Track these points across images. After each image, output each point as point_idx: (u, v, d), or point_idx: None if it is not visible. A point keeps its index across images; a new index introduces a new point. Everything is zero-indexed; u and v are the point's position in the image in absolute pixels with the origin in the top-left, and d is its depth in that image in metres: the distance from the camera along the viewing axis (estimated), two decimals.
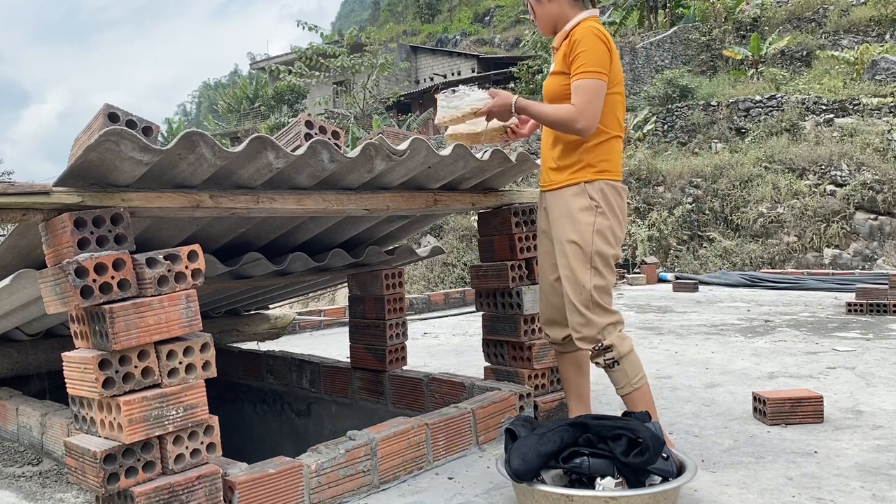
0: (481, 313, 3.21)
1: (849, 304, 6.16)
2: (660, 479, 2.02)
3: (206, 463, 1.99)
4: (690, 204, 13.26)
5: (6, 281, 2.31)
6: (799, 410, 2.89)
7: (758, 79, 18.03)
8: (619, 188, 2.46)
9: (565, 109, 2.33)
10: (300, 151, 2.15)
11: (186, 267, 1.95)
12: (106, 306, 1.81)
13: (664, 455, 2.04)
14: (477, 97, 2.46)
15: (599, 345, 2.37)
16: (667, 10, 24.43)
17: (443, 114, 2.51)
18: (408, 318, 3.61)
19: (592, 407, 2.78)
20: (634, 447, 2.00)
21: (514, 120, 2.58)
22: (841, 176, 12.55)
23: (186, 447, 1.95)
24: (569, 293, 2.41)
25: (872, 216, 11.95)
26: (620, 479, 2.00)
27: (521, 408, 2.90)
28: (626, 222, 2.52)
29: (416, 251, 3.58)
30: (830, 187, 12.49)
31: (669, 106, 17.24)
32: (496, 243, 3.07)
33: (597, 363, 2.41)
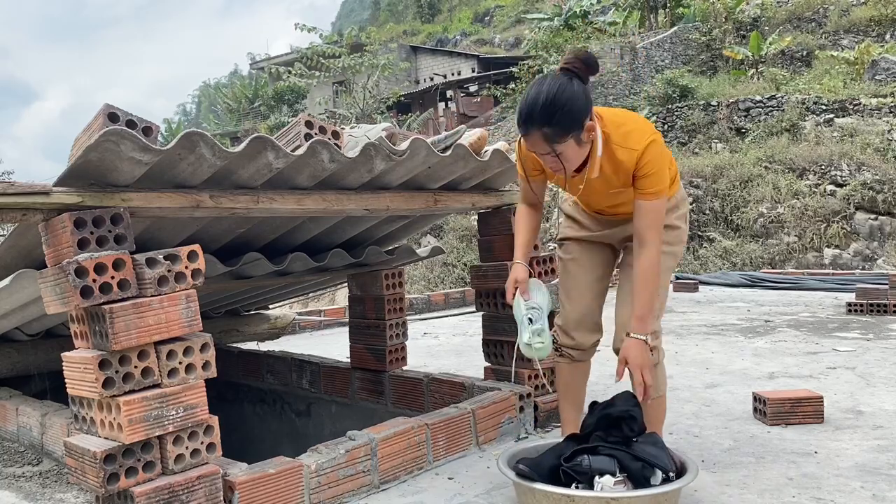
0: (481, 313, 3.21)
1: (849, 305, 6.16)
2: (661, 473, 2.01)
3: (206, 463, 1.99)
4: (690, 204, 13.24)
5: (6, 281, 2.31)
6: (799, 410, 2.89)
7: (758, 79, 18.03)
8: (685, 196, 2.46)
9: (652, 261, 2.15)
10: (300, 151, 2.15)
11: (186, 267, 1.95)
12: (106, 306, 1.81)
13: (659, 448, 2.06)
14: None
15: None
16: (667, 10, 24.43)
17: None
18: (408, 318, 3.61)
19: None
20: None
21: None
22: (841, 176, 12.54)
23: (186, 447, 1.95)
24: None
25: (872, 216, 11.94)
26: (621, 478, 2.00)
27: (521, 408, 2.90)
28: None
29: (416, 251, 3.58)
30: (830, 187, 12.48)
31: (669, 106, 17.23)
32: (496, 243, 3.07)
33: None
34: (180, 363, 1.94)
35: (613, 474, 1.99)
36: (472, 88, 28.06)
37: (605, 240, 2.47)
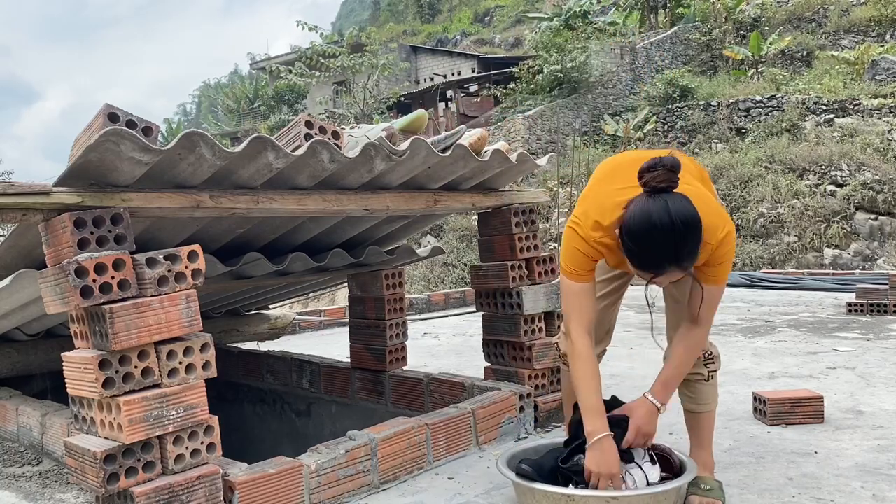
0: (481, 313, 3.21)
1: (849, 305, 6.15)
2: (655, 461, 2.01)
3: (206, 463, 1.99)
4: None
5: (6, 281, 2.31)
6: (799, 410, 2.89)
7: (758, 79, 18.02)
8: None
9: (699, 341, 2.06)
10: (300, 151, 2.15)
11: (186, 267, 1.95)
12: (106, 306, 1.81)
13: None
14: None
15: (708, 353, 2.18)
16: (667, 10, 24.43)
17: None
18: (408, 318, 3.61)
19: None
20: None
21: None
22: (841, 176, 12.54)
23: (186, 447, 1.95)
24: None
25: (873, 216, 11.94)
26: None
27: (522, 408, 2.90)
28: None
29: (417, 251, 3.58)
30: (831, 187, 12.48)
31: (670, 106, 17.24)
32: (496, 243, 3.07)
33: (694, 375, 2.18)
34: (180, 363, 1.94)
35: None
36: (473, 88, 28.04)
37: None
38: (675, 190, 1.82)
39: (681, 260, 1.81)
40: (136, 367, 1.87)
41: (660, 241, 1.78)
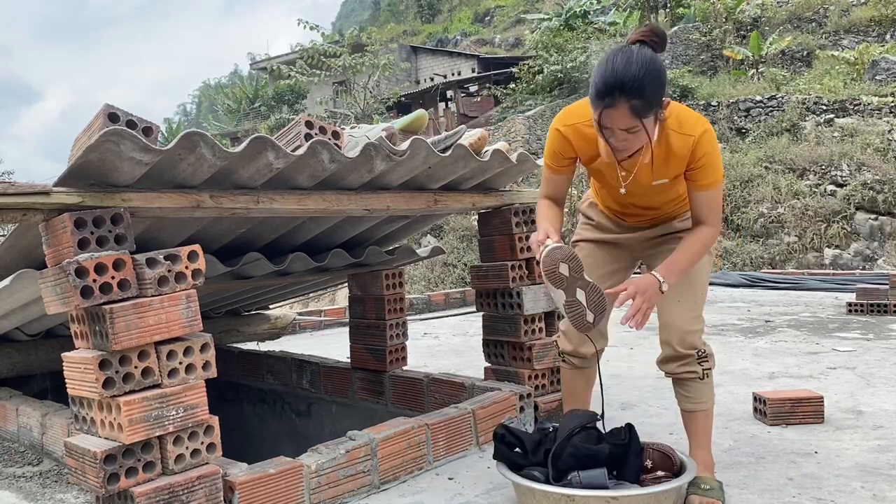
0: (481, 313, 3.21)
1: (849, 305, 6.15)
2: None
3: (207, 463, 1.99)
4: None
5: (6, 281, 2.31)
6: (799, 411, 2.89)
7: (758, 79, 18.02)
8: None
9: (706, 239, 2.11)
10: (300, 152, 2.15)
11: (186, 267, 1.95)
12: (106, 306, 1.81)
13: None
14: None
15: (701, 350, 2.20)
16: (667, 10, 24.43)
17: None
18: (408, 318, 3.61)
19: None
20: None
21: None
22: (841, 176, 12.54)
23: (186, 447, 1.95)
24: (687, 297, 2.20)
25: (873, 216, 11.93)
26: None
27: (522, 408, 2.90)
28: None
29: (417, 251, 3.58)
30: (831, 187, 12.48)
31: None
32: (496, 243, 3.07)
33: (688, 373, 2.20)
34: (180, 363, 1.94)
35: (606, 487, 1.97)
36: (473, 88, 28.04)
37: (624, 242, 2.38)
38: None
39: (631, 88, 1.82)
40: (136, 367, 1.87)
41: (613, 67, 1.86)
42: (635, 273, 2.45)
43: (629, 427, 2.14)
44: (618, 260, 2.41)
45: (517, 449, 2.15)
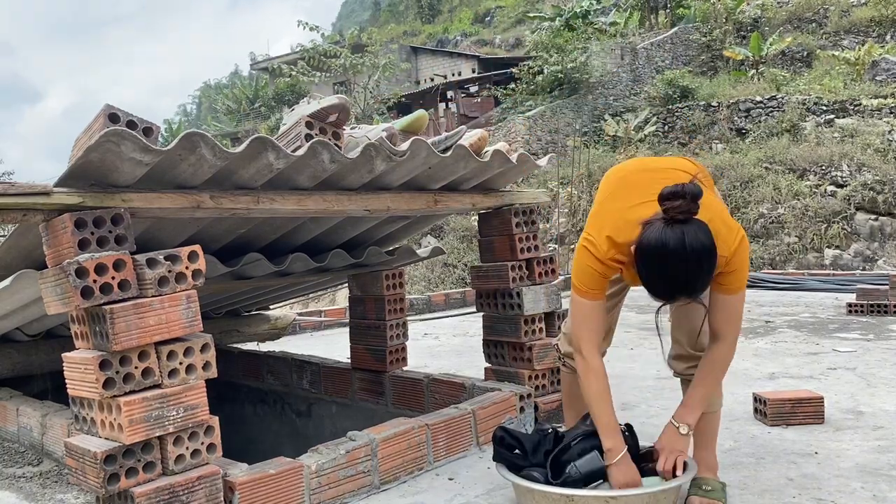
0: (482, 314, 3.21)
1: (849, 305, 6.15)
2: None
3: (207, 463, 1.99)
4: None
5: (7, 282, 2.31)
6: (799, 411, 2.89)
7: (758, 79, 18.02)
8: None
9: (726, 359, 2.05)
10: (300, 152, 2.15)
11: (187, 267, 1.95)
12: (106, 307, 1.81)
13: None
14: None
15: None
16: (667, 10, 24.43)
17: None
18: (408, 318, 3.61)
19: None
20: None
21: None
22: (841, 176, 12.53)
23: (187, 448, 1.95)
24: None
25: (873, 217, 11.93)
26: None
27: (522, 408, 2.90)
28: None
29: (417, 252, 3.58)
30: (831, 188, 12.47)
31: (670, 107, 17.24)
32: (496, 244, 3.07)
33: None
34: (181, 364, 1.94)
35: (603, 469, 1.99)
36: (473, 89, 28.04)
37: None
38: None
39: (693, 291, 1.81)
40: (136, 367, 1.87)
41: (672, 272, 1.79)
42: None
43: (628, 427, 2.14)
44: (617, 293, 2.36)
45: (517, 451, 2.15)
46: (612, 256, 1.96)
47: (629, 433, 2.11)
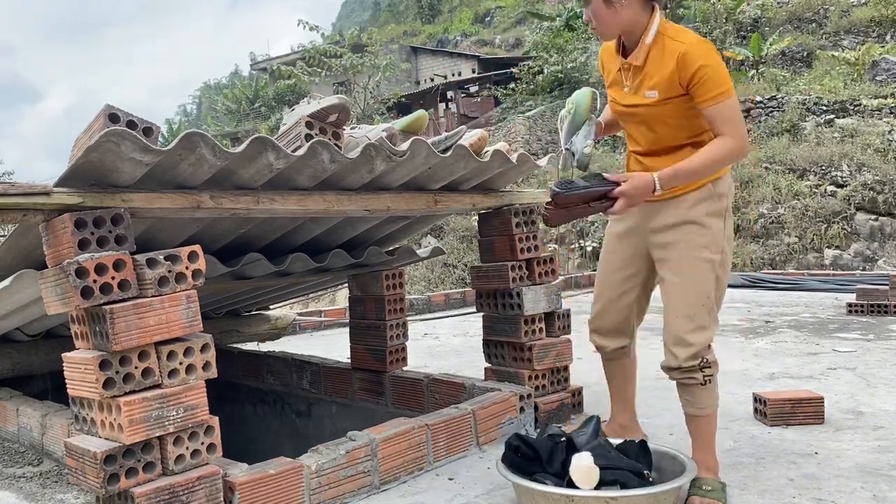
0: (482, 314, 3.21)
1: (849, 305, 6.15)
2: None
3: (207, 463, 1.99)
4: None
5: (7, 282, 2.31)
6: (799, 411, 2.89)
7: (758, 79, 18.02)
8: (732, 183, 2.31)
9: (724, 146, 2.07)
10: (300, 152, 2.15)
11: (187, 267, 1.95)
12: (106, 307, 1.81)
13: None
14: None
15: (703, 360, 2.19)
16: (667, 10, 24.42)
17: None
18: (408, 318, 3.61)
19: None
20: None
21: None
22: (841, 177, 12.53)
23: (187, 448, 1.95)
24: (681, 303, 2.19)
25: (873, 217, 11.93)
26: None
27: (522, 409, 2.90)
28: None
29: (417, 252, 3.58)
30: (831, 188, 12.47)
31: None
32: (496, 244, 3.07)
33: (689, 378, 2.21)
34: (181, 364, 1.94)
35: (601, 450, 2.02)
36: (473, 89, 28.06)
37: (638, 233, 2.36)
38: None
39: None
40: (136, 367, 1.87)
41: None
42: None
43: (642, 443, 2.16)
44: (633, 263, 2.43)
45: (531, 458, 2.14)
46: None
47: (643, 450, 2.13)
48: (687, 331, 2.18)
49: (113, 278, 1.83)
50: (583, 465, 1.97)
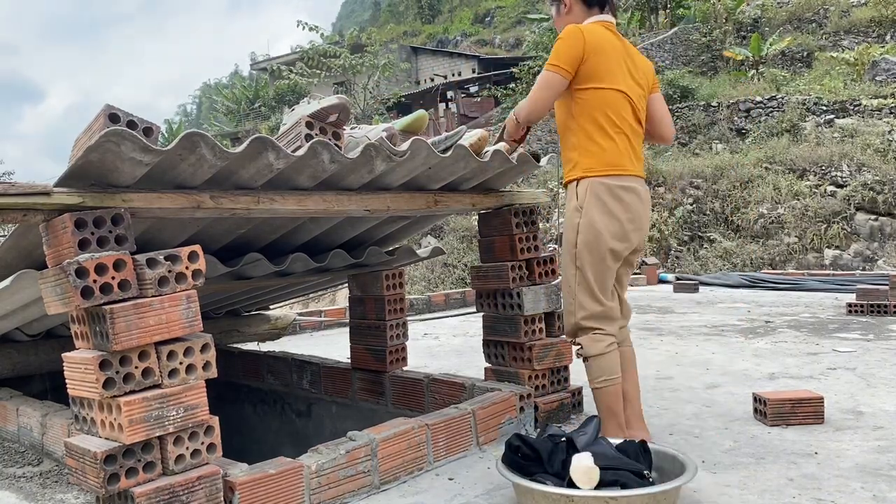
0: (482, 314, 3.21)
1: (849, 305, 6.15)
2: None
3: (207, 463, 1.99)
4: (691, 205, 13.26)
5: (7, 282, 2.31)
6: (799, 411, 2.89)
7: (758, 79, 18.03)
8: (610, 185, 2.55)
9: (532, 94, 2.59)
10: (300, 152, 2.15)
11: (187, 267, 1.95)
12: (106, 307, 1.81)
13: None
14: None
15: (573, 339, 2.67)
16: (667, 10, 24.45)
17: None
18: (408, 318, 3.61)
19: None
20: None
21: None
22: (841, 177, 12.54)
23: (187, 448, 1.95)
24: (562, 286, 2.69)
25: (873, 217, 11.94)
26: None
27: (522, 409, 2.90)
28: (628, 218, 2.58)
29: (417, 252, 3.58)
30: (831, 188, 12.48)
31: (670, 107, 17.23)
32: (496, 244, 3.07)
33: (577, 352, 2.68)
34: (181, 364, 1.94)
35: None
36: (473, 89, 28.07)
37: None
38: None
39: None
40: (136, 367, 1.87)
41: None
42: (636, 273, 2.74)
43: (643, 443, 2.16)
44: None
45: (532, 458, 2.14)
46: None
47: (643, 450, 2.13)
48: (567, 310, 2.67)
49: (113, 278, 1.83)
50: (583, 466, 1.97)
